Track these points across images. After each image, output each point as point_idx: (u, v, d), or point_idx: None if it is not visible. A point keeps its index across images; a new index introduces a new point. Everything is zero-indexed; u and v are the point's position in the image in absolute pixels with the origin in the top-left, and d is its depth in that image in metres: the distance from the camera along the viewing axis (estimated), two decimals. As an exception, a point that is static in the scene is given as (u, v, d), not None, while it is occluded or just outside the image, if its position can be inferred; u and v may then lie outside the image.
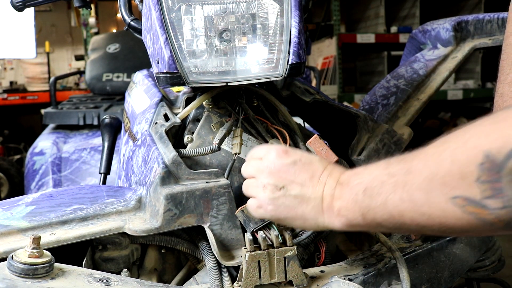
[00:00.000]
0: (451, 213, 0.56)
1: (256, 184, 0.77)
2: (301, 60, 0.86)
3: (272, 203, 0.74)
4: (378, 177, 0.65)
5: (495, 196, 0.51)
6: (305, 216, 0.73)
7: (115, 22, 6.30)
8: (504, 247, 1.24)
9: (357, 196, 0.67)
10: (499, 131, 0.51)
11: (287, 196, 0.74)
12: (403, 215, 0.61)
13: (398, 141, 1.07)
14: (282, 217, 0.75)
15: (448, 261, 0.94)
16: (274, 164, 0.76)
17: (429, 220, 0.59)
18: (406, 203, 0.60)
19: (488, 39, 1.35)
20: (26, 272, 0.69)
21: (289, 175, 0.74)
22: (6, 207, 0.86)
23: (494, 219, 0.53)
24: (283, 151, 0.77)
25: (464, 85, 4.99)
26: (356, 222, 0.69)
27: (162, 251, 0.95)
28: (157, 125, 0.96)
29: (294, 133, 1.01)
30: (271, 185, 0.74)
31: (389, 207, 0.62)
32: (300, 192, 0.73)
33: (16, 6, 1.23)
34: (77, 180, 1.97)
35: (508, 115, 0.52)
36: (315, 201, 0.73)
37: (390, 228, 0.66)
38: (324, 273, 0.85)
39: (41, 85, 5.67)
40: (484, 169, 0.51)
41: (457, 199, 0.54)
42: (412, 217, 0.60)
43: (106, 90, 2.59)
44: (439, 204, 0.56)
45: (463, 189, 0.54)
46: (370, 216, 0.66)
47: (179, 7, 0.86)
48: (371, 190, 0.65)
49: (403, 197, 0.60)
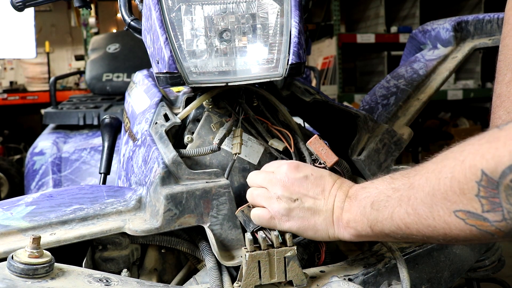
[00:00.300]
0: (454, 225, 0.60)
1: (268, 195, 0.80)
2: (301, 60, 0.86)
3: (287, 214, 0.78)
4: (384, 192, 0.70)
5: (494, 210, 0.55)
6: (316, 227, 0.78)
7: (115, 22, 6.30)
8: (504, 247, 1.24)
9: (365, 209, 0.72)
10: (493, 150, 0.55)
11: (301, 208, 0.78)
12: (409, 227, 0.65)
13: (398, 141, 1.07)
14: (294, 228, 0.79)
15: (448, 261, 0.94)
16: (288, 177, 0.80)
17: (434, 232, 0.63)
18: (412, 216, 0.64)
19: (488, 39, 1.35)
20: (26, 272, 0.69)
21: (302, 188, 0.79)
22: (6, 207, 0.86)
23: (495, 230, 0.57)
24: (294, 166, 0.81)
25: (464, 85, 4.99)
26: (365, 233, 0.74)
27: (162, 251, 0.95)
28: (157, 125, 0.96)
29: (294, 133, 1.01)
30: (285, 197, 0.79)
31: (396, 220, 0.67)
32: (313, 205, 0.78)
33: (16, 6, 1.23)
34: (77, 180, 1.97)
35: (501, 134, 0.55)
36: (326, 213, 0.78)
37: (398, 238, 0.70)
38: (324, 273, 0.85)
39: (41, 85, 5.68)
40: (482, 186, 0.55)
41: (459, 212, 0.58)
42: (418, 229, 0.65)
43: (106, 90, 2.59)
44: (443, 217, 0.60)
45: (464, 203, 0.58)
46: (378, 228, 0.71)
47: (179, 7, 0.86)
48: (378, 204, 0.70)
49: (409, 211, 0.65)
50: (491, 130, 0.58)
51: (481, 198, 0.56)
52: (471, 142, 0.59)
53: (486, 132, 0.58)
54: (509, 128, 0.55)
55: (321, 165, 0.86)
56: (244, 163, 0.96)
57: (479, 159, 0.56)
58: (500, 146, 0.54)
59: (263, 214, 0.80)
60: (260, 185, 0.82)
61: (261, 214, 0.80)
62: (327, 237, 0.79)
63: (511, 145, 0.53)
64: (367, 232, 0.73)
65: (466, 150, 0.58)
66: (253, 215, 0.81)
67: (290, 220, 0.78)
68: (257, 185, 0.83)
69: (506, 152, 0.53)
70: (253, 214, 0.81)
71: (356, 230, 0.75)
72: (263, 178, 0.82)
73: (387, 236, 0.71)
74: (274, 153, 0.97)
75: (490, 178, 0.54)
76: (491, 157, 0.54)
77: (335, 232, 0.77)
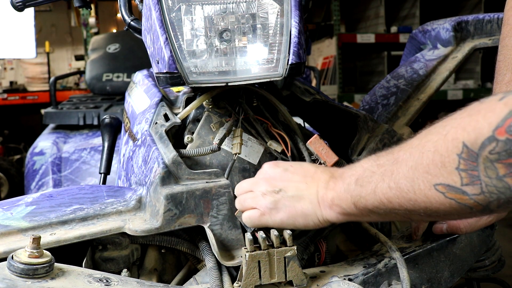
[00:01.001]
0: (434, 198, 0.60)
1: (254, 195, 0.81)
2: (301, 60, 0.86)
3: (274, 206, 0.79)
4: (369, 168, 0.70)
5: (473, 183, 0.56)
6: (304, 212, 0.78)
7: (115, 22, 6.30)
8: (504, 247, 1.24)
9: (349, 186, 0.73)
10: (474, 122, 0.56)
11: (286, 197, 0.79)
12: (391, 201, 0.66)
13: (398, 141, 1.07)
14: (285, 219, 0.79)
15: (448, 261, 0.94)
16: (268, 173, 0.83)
17: (415, 205, 0.63)
18: (394, 190, 0.65)
19: (488, 39, 1.35)
20: (26, 272, 0.69)
21: (283, 179, 0.81)
22: (6, 207, 0.86)
23: (473, 203, 0.58)
24: (273, 163, 0.84)
25: (464, 85, 4.99)
26: (349, 211, 0.73)
27: (162, 251, 0.95)
28: (157, 125, 0.96)
29: (294, 133, 1.01)
30: (269, 191, 0.80)
31: (379, 195, 0.67)
32: (296, 191, 0.79)
33: (16, 6, 1.23)
34: (77, 180, 1.97)
35: (482, 107, 0.56)
36: (310, 196, 0.78)
37: (381, 214, 0.70)
38: (324, 273, 0.85)
39: (41, 85, 5.68)
40: (463, 159, 0.56)
41: (439, 186, 0.59)
42: (399, 203, 0.65)
43: (106, 90, 2.59)
44: (423, 191, 0.61)
45: (444, 177, 0.58)
46: (361, 204, 0.71)
47: (179, 7, 0.86)
48: (362, 180, 0.70)
49: (391, 185, 0.65)
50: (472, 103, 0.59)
51: (460, 171, 0.57)
52: (453, 117, 0.60)
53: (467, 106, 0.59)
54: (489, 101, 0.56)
55: (322, 166, 0.86)
56: (244, 163, 0.96)
57: (461, 131, 0.56)
58: (480, 118, 0.55)
59: (253, 213, 0.81)
60: (246, 189, 0.84)
61: (251, 214, 0.81)
62: (317, 221, 0.78)
63: (491, 117, 0.54)
64: (352, 209, 0.73)
65: (449, 125, 0.59)
66: (244, 218, 0.82)
67: (279, 211, 0.79)
68: (243, 191, 0.84)
69: (486, 124, 0.54)
70: (244, 217, 0.82)
71: (341, 208, 0.74)
72: (247, 182, 0.85)
73: (370, 213, 0.71)
74: (274, 153, 0.97)
75: (471, 150, 0.55)
76: (471, 129, 0.55)
77: (323, 213, 0.77)
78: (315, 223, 0.78)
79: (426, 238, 0.94)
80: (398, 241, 0.95)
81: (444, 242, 0.94)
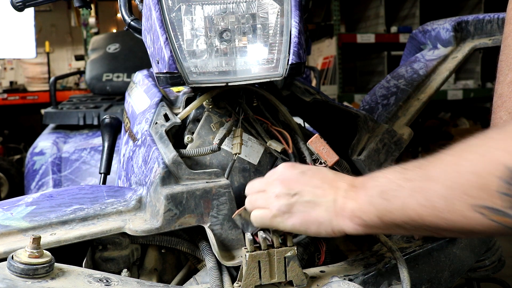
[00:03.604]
0: (473, 220, 0.58)
1: (267, 196, 0.78)
2: (301, 60, 0.86)
3: (288, 210, 0.75)
4: (394, 181, 0.67)
5: None
6: (319, 220, 0.74)
7: (115, 22, 6.30)
8: (504, 247, 1.24)
9: (373, 198, 0.69)
10: None
11: (301, 202, 0.75)
12: (423, 219, 0.63)
13: (398, 141, 1.07)
14: (297, 224, 0.75)
15: (448, 261, 0.94)
16: (284, 175, 0.78)
17: (449, 224, 0.61)
18: (426, 208, 0.62)
19: (488, 39, 1.35)
20: (26, 272, 0.69)
21: (300, 183, 0.76)
22: (6, 207, 0.86)
23: None
24: (290, 164, 0.80)
25: (464, 85, 4.99)
26: (372, 224, 0.70)
27: (162, 251, 0.95)
28: (157, 125, 0.96)
29: (295, 133, 1.01)
30: (284, 193, 0.76)
31: (408, 211, 0.64)
32: (312, 197, 0.75)
33: (16, 6, 1.23)
34: (77, 180, 1.97)
35: None
36: (327, 204, 0.74)
37: (408, 229, 0.68)
38: (324, 273, 0.85)
39: (41, 85, 5.68)
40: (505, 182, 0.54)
41: (479, 207, 0.57)
42: (432, 221, 0.62)
43: (106, 90, 2.59)
44: (462, 212, 0.59)
45: (485, 199, 0.56)
46: (388, 219, 0.67)
47: (179, 7, 0.86)
48: (387, 193, 0.67)
49: (423, 202, 0.62)
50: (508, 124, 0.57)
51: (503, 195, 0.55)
52: (491, 136, 0.58)
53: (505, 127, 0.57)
54: None
55: (322, 165, 0.86)
56: (244, 163, 0.96)
57: (502, 153, 0.55)
58: None
59: (265, 214, 0.77)
60: (258, 190, 0.80)
61: (263, 214, 0.77)
62: (331, 231, 0.74)
63: None
64: (375, 222, 0.69)
65: (487, 145, 0.57)
66: (254, 217, 0.79)
67: (292, 216, 0.75)
68: (255, 191, 0.81)
69: None
70: (254, 215, 0.79)
71: (362, 220, 0.70)
72: (260, 182, 0.81)
73: (397, 227, 0.68)
74: (274, 153, 0.97)
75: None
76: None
77: (339, 223, 0.73)
78: (327, 232, 0.75)
79: (426, 238, 0.94)
80: (398, 241, 0.95)
81: (444, 242, 0.94)
